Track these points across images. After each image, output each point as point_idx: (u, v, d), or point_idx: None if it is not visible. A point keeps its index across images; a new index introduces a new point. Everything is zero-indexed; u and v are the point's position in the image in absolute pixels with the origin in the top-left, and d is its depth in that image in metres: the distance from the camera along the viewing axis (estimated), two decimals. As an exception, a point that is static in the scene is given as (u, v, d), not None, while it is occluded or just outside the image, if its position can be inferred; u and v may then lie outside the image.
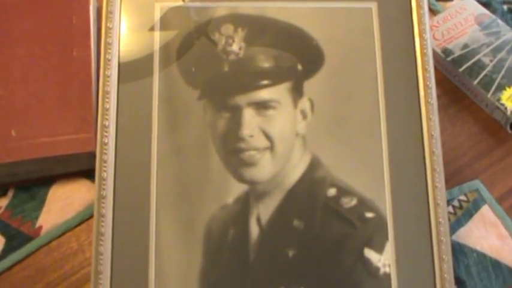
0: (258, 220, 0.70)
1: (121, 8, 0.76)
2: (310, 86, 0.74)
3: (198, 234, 0.70)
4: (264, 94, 0.73)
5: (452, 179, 0.86)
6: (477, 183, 0.85)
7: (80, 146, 0.81)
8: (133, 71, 0.74)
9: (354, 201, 0.71)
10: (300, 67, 0.75)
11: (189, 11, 0.77)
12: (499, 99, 0.89)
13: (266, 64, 0.74)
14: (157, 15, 0.76)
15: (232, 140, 0.72)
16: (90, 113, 0.83)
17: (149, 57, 0.75)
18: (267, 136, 0.72)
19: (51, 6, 0.92)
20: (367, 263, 0.69)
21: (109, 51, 0.73)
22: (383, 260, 0.69)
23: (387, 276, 0.69)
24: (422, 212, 0.71)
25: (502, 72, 0.91)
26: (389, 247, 0.70)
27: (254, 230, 0.70)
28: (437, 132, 0.73)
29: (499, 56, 0.93)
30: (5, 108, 0.83)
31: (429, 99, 0.73)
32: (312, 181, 0.72)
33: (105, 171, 0.69)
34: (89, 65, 0.87)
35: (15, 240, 0.81)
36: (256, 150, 0.72)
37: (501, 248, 0.80)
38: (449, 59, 0.94)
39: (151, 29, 0.76)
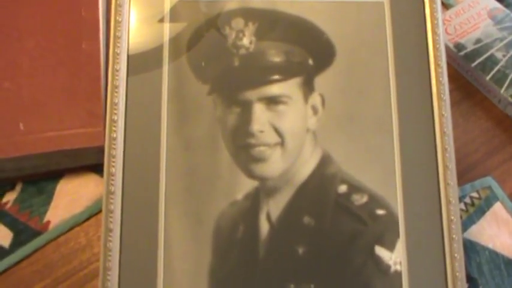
0: (268, 217, 0.70)
1: (130, 1, 0.75)
2: (321, 81, 0.74)
3: (207, 231, 0.69)
4: (274, 89, 0.72)
5: (464, 175, 0.85)
6: (489, 180, 0.84)
7: (88, 140, 0.80)
8: (143, 63, 0.73)
9: (364, 198, 0.70)
10: (311, 62, 0.74)
11: (198, 4, 0.76)
12: (512, 95, 0.88)
13: (277, 59, 0.74)
14: (167, 8, 0.75)
15: (242, 136, 0.71)
16: (99, 106, 0.82)
17: (158, 50, 0.74)
18: (278, 132, 0.71)
19: (60, -2, 0.91)
20: (378, 260, 0.68)
21: (118, 45, 0.72)
22: (394, 257, 0.69)
23: (398, 274, 0.68)
24: (433, 209, 0.70)
25: (515, 67, 0.90)
26: (401, 245, 0.69)
27: (264, 227, 0.70)
28: (449, 129, 0.72)
29: (512, 51, 0.92)
30: (12, 101, 0.82)
31: (442, 96, 0.73)
32: (322, 177, 0.71)
33: (113, 166, 0.69)
34: (97, 58, 0.87)
35: (23, 234, 0.80)
36: (266, 145, 0.71)
37: (513, 246, 0.80)
38: (461, 53, 0.93)
39: (161, 20, 0.75)
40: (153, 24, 0.75)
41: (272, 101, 0.72)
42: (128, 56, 0.73)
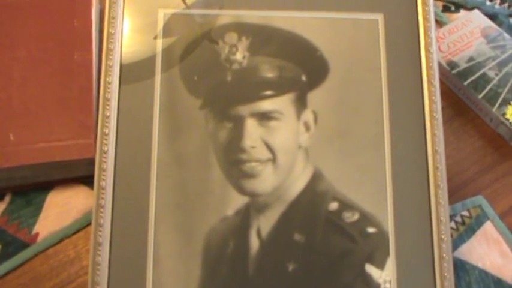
0: (258, 233, 0.70)
1: (123, 13, 0.75)
2: (313, 97, 0.74)
3: (197, 246, 0.69)
4: (267, 105, 0.72)
5: (456, 193, 0.85)
6: (480, 199, 0.84)
7: (79, 152, 0.79)
8: (135, 75, 0.73)
9: (355, 216, 0.70)
10: (304, 78, 0.74)
11: (192, 17, 0.76)
12: (503, 114, 0.88)
13: (270, 74, 0.73)
14: (160, 21, 0.75)
15: (234, 151, 0.71)
16: (90, 118, 0.82)
17: (151, 62, 0.74)
18: (269, 148, 0.71)
19: (52, 8, 0.91)
20: (367, 278, 0.68)
21: (110, 57, 0.72)
22: (384, 276, 0.68)
23: (388, 292, 0.68)
24: (424, 228, 0.70)
25: (508, 86, 0.90)
26: (391, 263, 0.69)
27: (254, 243, 0.69)
28: (441, 147, 0.72)
29: (505, 70, 0.92)
30: (3, 111, 0.82)
31: (434, 114, 0.73)
32: (313, 194, 0.71)
33: (104, 179, 0.68)
34: (89, 69, 0.86)
35: (11, 246, 0.79)
36: (258, 161, 0.71)
37: (503, 266, 0.79)
38: (454, 71, 0.93)
39: (154, 33, 0.75)
40: (146, 37, 0.75)
41: (264, 117, 0.72)
42: (121, 68, 0.73)
